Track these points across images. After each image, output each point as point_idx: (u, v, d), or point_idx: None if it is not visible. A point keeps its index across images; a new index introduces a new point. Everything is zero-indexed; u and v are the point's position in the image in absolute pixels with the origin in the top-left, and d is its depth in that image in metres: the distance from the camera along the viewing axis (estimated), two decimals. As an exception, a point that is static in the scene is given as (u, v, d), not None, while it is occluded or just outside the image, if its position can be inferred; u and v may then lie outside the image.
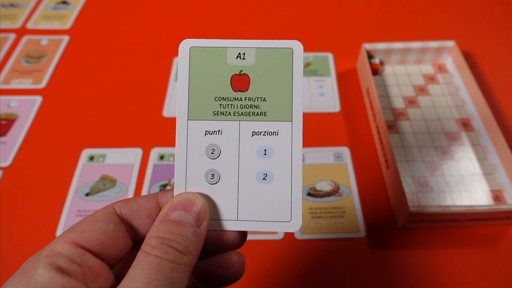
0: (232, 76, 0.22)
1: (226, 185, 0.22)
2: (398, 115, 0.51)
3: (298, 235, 0.41)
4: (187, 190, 0.22)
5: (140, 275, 0.17)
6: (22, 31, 0.65)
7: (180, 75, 0.22)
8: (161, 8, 0.69)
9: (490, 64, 0.58)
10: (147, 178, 0.46)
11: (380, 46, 0.54)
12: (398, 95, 0.53)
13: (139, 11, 0.68)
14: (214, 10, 0.68)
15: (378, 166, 0.47)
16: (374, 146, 0.48)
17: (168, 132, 0.51)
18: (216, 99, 0.22)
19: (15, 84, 0.57)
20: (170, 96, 0.55)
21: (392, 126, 0.50)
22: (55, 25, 0.66)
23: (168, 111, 0.53)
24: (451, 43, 0.54)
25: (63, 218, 0.43)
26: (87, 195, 0.45)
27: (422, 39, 0.56)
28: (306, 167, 0.46)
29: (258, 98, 0.22)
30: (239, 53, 0.22)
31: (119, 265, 0.21)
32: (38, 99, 0.55)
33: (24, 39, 0.64)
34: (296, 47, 0.22)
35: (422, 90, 0.54)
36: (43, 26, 0.66)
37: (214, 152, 0.22)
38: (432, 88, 0.54)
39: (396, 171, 0.41)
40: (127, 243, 0.21)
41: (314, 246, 0.40)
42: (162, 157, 0.48)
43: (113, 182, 0.46)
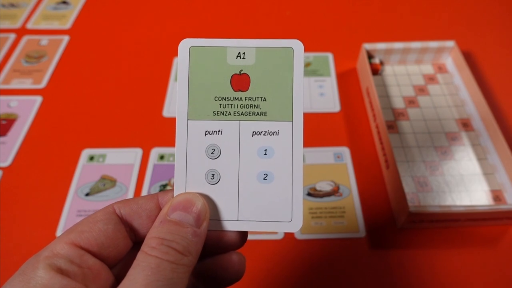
0: (232, 75, 0.22)
1: (226, 185, 0.22)
2: (398, 115, 0.51)
3: (298, 235, 0.41)
4: (187, 191, 0.22)
5: (140, 276, 0.17)
6: (22, 31, 0.65)
7: (180, 75, 0.22)
8: (161, 8, 0.69)
9: (490, 64, 0.58)
10: (147, 178, 0.46)
11: (380, 46, 0.54)
12: (398, 95, 0.53)
13: (139, 11, 0.68)
14: (214, 10, 0.68)
15: (378, 166, 0.47)
16: (374, 146, 0.48)
17: (168, 132, 0.51)
18: (216, 99, 0.22)
19: (15, 84, 0.57)
20: (170, 96, 0.55)
21: (392, 126, 0.50)
22: (55, 25, 0.66)
23: (168, 111, 0.53)
24: (451, 43, 0.54)
25: (63, 218, 0.43)
26: (87, 195, 0.45)
27: (422, 39, 0.56)
28: (306, 167, 0.46)
29: (258, 97, 0.22)
30: (239, 52, 0.22)
31: (119, 265, 0.21)
32: (38, 99, 0.55)
33: (24, 39, 0.64)
34: (297, 46, 0.22)
35: (422, 90, 0.54)
36: (43, 26, 0.66)
37: (214, 152, 0.22)
38: (432, 88, 0.54)
39: (396, 171, 0.41)
40: (127, 244, 0.21)
41: (314, 246, 0.40)
42: (162, 157, 0.48)
43: (113, 182, 0.46)
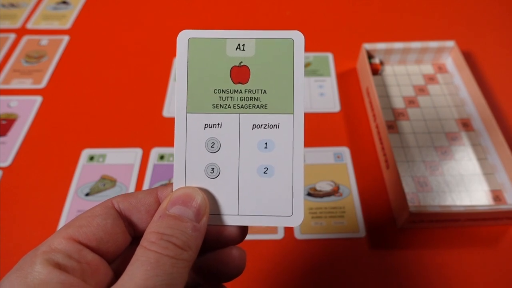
0: (231, 67, 0.22)
1: (226, 179, 0.22)
2: (398, 115, 0.51)
3: (298, 235, 0.41)
4: (186, 185, 0.22)
5: (139, 271, 0.17)
6: (22, 31, 0.65)
7: (178, 67, 0.22)
8: (161, 8, 0.68)
9: (490, 64, 0.58)
10: (147, 178, 0.46)
11: (380, 46, 0.54)
12: (398, 95, 0.53)
13: (139, 11, 0.68)
14: (214, 10, 0.68)
15: (378, 166, 0.47)
16: (374, 146, 0.48)
17: (168, 132, 0.51)
18: (216, 91, 0.22)
19: (15, 84, 0.57)
20: (170, 96, 0.55)
21: (392, 126, 0.50)
22: (55, 25, 0.66)
23: (168, 111, 0.53)
24: (451, 43, 0.54)
25: (63, 218, 0.43)
26: (87, 195, 0.45)
27: (422, 39, 0.56)
28: (306, 167, 0.46)
29: (258, 90, 0.22)
30: (239, 44, 0.22)
31: (117, 260, 0.21)
32: (38, 99, 0.55)
33: (24, 39, 0.64)
34: (297, 37, 0.22)
35: (422, 90, 0.54)
36: (43, 26, 0.66)
37: (214, 146, 0.22)
38: (432, 88, 0.54)
39: (396, 171, 0.41)
40: (126, 239, 0.21)
41: (314, 246, 0.40)
42: (162, 157, 0.48)
43: (113, 182, 0.46)
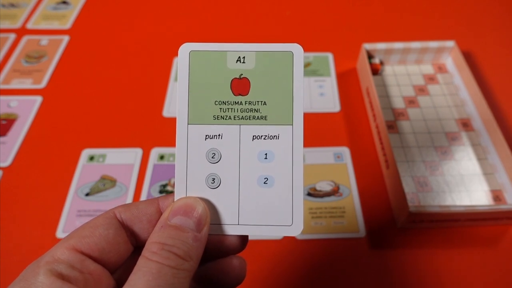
0: (232, 80, 0.22)
1: (227, 189, 0.22)
2: (398, 115, 0.51)
3: (298, 235, 0.41)
4: (187, 195, 0.22)
5: (141, 281, 0.17)
6: (22, 31, 0.65)
7: (180, 79, 0.22)
8: (161, 8, 0.68)
9: (490, 64, 0.58)
10: (147, 178, 0.46)
11: (380, 46, 0.54)
12: (398, 95, 0.53)
13: (139, 11, 0.68)
14: (214, 10, 0.68)
15: (378, 166, 0.47)
16: (374, 146, 0.48)
17: (168, 132, 0.51)
18: (216, 103, 0.22)
19: (15, 84, 0.57)
20: (170, 96, 0.55)
21: (392, 126, 0.50)
22: (55, 25, 0.66)
23: (168, 111, 0.53)
24: (451, 43, 0.54)
25: (63, 218, 0.43)
26: (87, 195, 0.45)
27: (422, 39, 0.56)
28: (306, 167, 0.46)
29: (258, 102, 0.22)
30: (239, 56, 0.22)
31: (119, 270, 0.21)
32: (38, 99, 0.55)
33: (24, 39, 0.64)
34: (296, 50, 0.22)
35: (422, 90, 0.54)
36: (43, 26, 0.66)
37: (214, 157, 0.22)
38: (432, 88, 0.54)
39: (396, 171, 0.41)
40: (128, 249, 0.21)
41: (314, 246, 0.40)
42: (162, 157, 0.48)
43: (113, 182, 0.46)
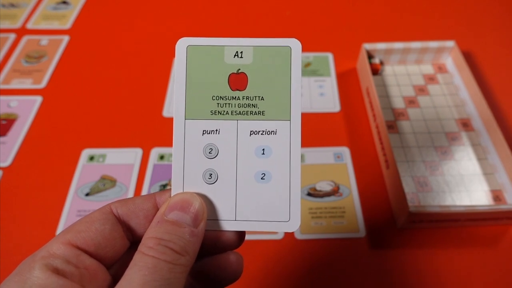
0: (229, 75, 0.22)
1: (224, 185, 0.22)
2: (398, 115, 0.51)
3: (298, 235, 0.41)
4: (184, 190, 0.22)
5: (137, 276, 0.17)
6: (22, 31, 0.65)
7: (177, 74, 0.22)
8: (161, 8, 0.69)
9: (490, 64, 0.58)
10: (147, 178, 0.46)
11: (380, 46, 0.54)
12: (398, 95, 0.53)
13: (139, 11, 0.68)
14: (214, 10, 0.68)
15: (378, 166, 0.47)
16: (374, 146, 0.48)
17: (168, 132, 0.51)
18: (214, 98, 0.22)
19: (15, 84, 0.57)
20: (170, 96, 0.55)
21: (392, 126, 0.50)
22: (55, 25, 0.66)
23: (168, 111, 0.53)
24: (451, 43, 0.54)
25: (63, 218, 0.43)
26: (87, 195, 0.45)
27: (422, 39, 0.56)
28: (306, 167, 0.46)
29: (256, 97, 0.22)
30: (237, 51, 0.22)
31: (116, 265, 0.21)
32: (38, 99, 0.55)
33: (24, 39, 0.64)
34: (294, 45, 0.22)
35: (422, 90, 0.54)
36: (43, 26, 0.66)
37: (211, 152, 0.22)
38: (432, 88, 0.54)
39: (396, 171, 0.41)
40: (124, 244, 0.21)
41: (314, 246, 0.40)
42: (162, 157, 0.48)
43: (113, 182, 0.46)
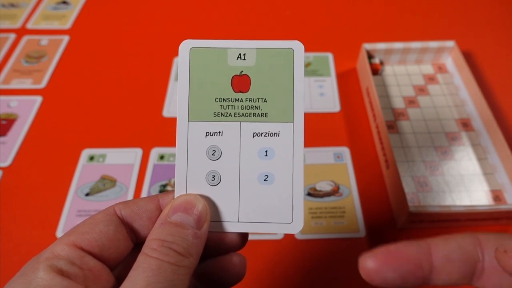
0: (232, 77, 0.22)
1: (227, 186, 0.22)
2: (398, 115, 0.51)
3: (298, 235, 0.41)
4: (188, 192, 0.22)
5: (141, 277, 0.17)
6: (22, 31, 0.65)
7: (181, 76, 0.22)
8: (161, 8, 0.68)
9: (490, 64, 0.58)
10: (147, 178, 0.46)
11: (380, 46, 0.54)
12: (398, 95, 0.53)
13: (139, 11, 0.68)
14: (214, 10, 0.68)
15: (378, 166, 0.47)
16: (374, 146, 0.48)
17: (168, 132, 0.51)
18: (217, 100, 0.22)
19: (15, 84, 0.57)
20: (170, 96, 0.55)
21: (392, 126, 0.50)
22: (55, 25, 0.66)
23: (168, 111, 0.53)
24: (451, 43, 0.54)
25: (63, 218, 0.43)
26: (87, 195, 0.45)
27: (422, 39, 0.56)
28: (306, 167, 0.46)
29: (259, 99, 0.22)
30: (240, 53, 0.22)
31: (119, 267, 0.21)
32: (38, 99, 0.55)
33: (24, 39, 0.64)
34: (297, 47, 0.22)
35: (422, 90, 0.54)
36: (43, 26, 0.66)
37: (215, 154, 0.22)
38: (432, 88, 0.54)
39: (396, 171, 0.41)
40: (128, 245, 0.21)
41: (314, 246, 0.40)
42: (162, 157, 0.48)
43: (113, 182, 0.46)
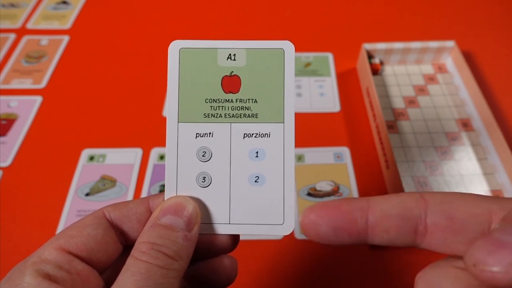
0: (222, 77, 0.22)
1: (217, 188, 0.22)
2: (398, 115, 0.51)
3: (298, 235, 0.41)
4: (178, 194, 0.22)
5: (130, 281, 0.17)
6: (22, 31, 0.65)
7: (170, 77, 0.22)
8: (161, 8, 0.68)
9: (490, 64, 0.58)
10: (147, 178, 0.46)
11: (380, 46, 0.54)
12: (398, 95, 0.53)
13: (139, 11, 0.68)
14: (214, 10, 0.68)
15: (378, 166, 0.47)
16: (374, 146, 0.48)
17: (168, 132, 0.51)
18: (207, 101, 0.22)
19: (15, 84, 0.57)
20: (170, 96, 0.55)
21: (392, 126, 0.50)
22: (55, 25, 0.66)
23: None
24: (451, 43, 0.54)
25: (63, 218, 0.43)
26: (87, 195, 0.45)
27: (422, 39, 0.56)
28: (306, 167, 0.46)
29: (249, 99, 0.22)
30: (230, 54, 0.22)
31: (108, 271, 0.21)
32: (38, 99, 0.55)
33: (24, 39, 0.64)
34: (287, 47, 0.22)
35: (422, 90, 0.54)
36: (43, 26, 0.66)
37: (205, 155, 0.22)
38: (432, 88, 0.54)
39: (396, 171, 0.41)
40: (117, 248, 0.21)
41: (314, 246, 0.40)
42: (162, 157, 0.48)
43: (113, 182, 0.46)
